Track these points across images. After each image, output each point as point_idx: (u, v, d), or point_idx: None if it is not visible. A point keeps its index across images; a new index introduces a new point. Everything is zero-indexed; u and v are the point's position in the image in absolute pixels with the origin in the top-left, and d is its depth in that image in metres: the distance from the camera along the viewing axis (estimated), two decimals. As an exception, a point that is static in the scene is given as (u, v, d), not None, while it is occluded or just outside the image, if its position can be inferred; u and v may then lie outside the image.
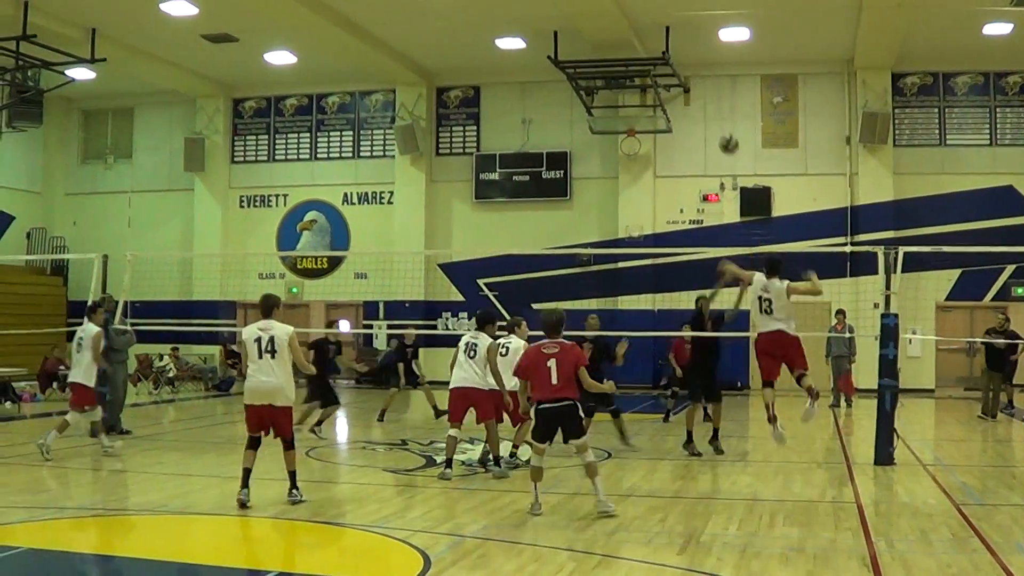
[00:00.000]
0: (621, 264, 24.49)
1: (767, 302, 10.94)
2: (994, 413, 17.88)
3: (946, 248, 18.29)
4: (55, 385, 21.22)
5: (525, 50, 23.60)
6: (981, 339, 18.49)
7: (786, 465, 12.37)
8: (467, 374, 11.06)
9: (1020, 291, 23.80)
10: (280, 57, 24.81)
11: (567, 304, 23.25)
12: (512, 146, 26.11)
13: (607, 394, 12.56)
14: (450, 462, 11.02)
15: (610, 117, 24.69)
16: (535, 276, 25.18)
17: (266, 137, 27.99)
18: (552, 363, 8.95)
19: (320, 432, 14.51)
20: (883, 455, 12.12)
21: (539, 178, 25.86)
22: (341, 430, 16.42)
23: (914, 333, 20.18)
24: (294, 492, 9.38)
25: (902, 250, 12.70)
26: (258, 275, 26.32)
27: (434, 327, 25.18)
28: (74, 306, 25.70)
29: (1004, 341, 17.66)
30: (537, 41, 22.64)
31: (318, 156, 27.65)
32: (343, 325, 27.40)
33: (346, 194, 27.35)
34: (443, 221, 26.57)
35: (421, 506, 9.68)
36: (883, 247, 12.89)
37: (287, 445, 9.41)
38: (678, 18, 21.38)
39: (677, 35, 21.88)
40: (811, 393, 10.75)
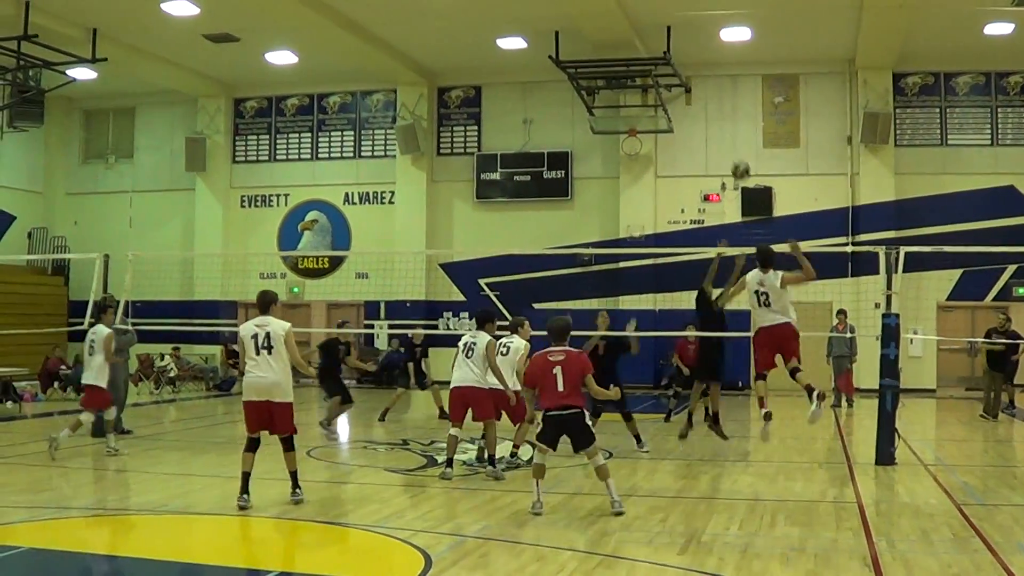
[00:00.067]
0: (622, 264, 24.49)
1: (764, 296, 11.09)
2: (995, 413, 17.88)
3: (947, 248, 18.27)
4: (56, 385, 21.26)
5: (526, 50, 23.60)
6: (982, 340, 18.49)
7: (787, 465, 12.37)
8: (465, 373, 11.06)
9: (1021, 291, 23.76)
10: (281, 57, 24.81)
11: (568, 304, 23.30)
12: (513, 146, 26.11)
13: (624, 411, 12.78)
14: (451, 462, 11.02)
15: (611, 117, 24.69)
16: (536, 276, 25.18)
17: (267, 137, 28.00)
18: (558, 371, 9.01)
19: (333, 431, 14.72)
20: (884, 455, 12.11)
21: (540, 178, 25.87)
22: (342, 430, 16.41)
23: (915, 333, 20.15)
24: (297, 492, 9.35)
25: (903, 250, 12.70)
26: (259, 275, 26.32)
27: (435, 327, 25.17)
28: (75, 306, 25.68)
29: (1005, 341, 17.66)
30: (538, 41, 22.63)
31: (319, 156, 27.66)
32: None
33: (347, 194, 27.35)
34: (444, 221, 26.58)
35: (422, 506, 9.68)
36: (884, 247, 12.90)
37: (287, 446, 9.35)
38: (679, 18, 21.38)
39: (678, 35, 21.88)
40: (809, 392, 10.80)
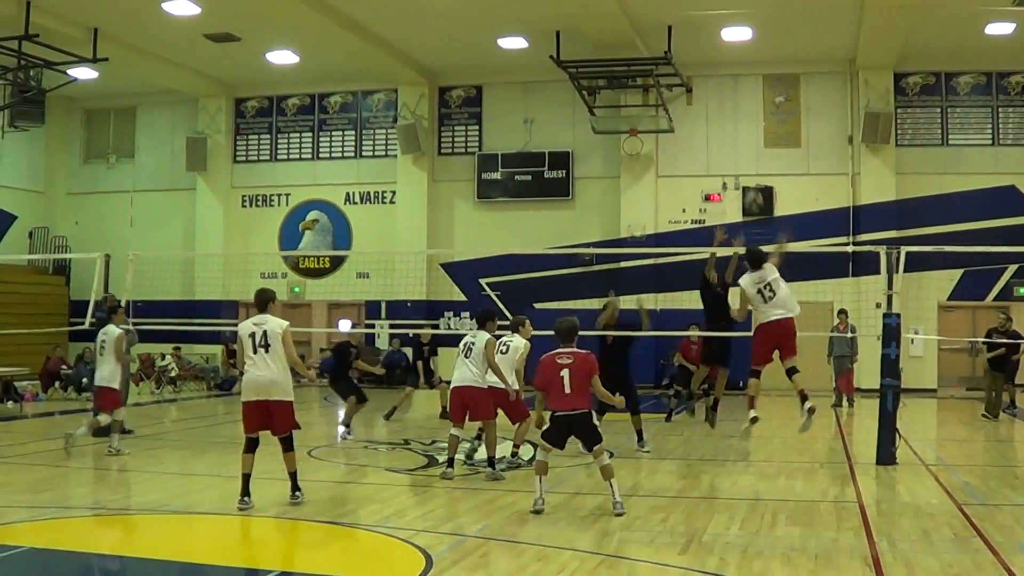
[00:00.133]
0: (623, 264, 24.49)
1: (767, 287, 11.19)
2: (996, 413, 17.88)
3: (948, 248, 18.28)
4: (57, 385, 21.27)
5: (527, 50, 23.60)
6: (982, 339, 18.50)
7: (788, 465, 12.37)
8: (463, 373, 11.06)
9: (1022, 291, 23.77)
10: (282, 57, 24.81)
11: (569, 304, 23.28)
12: (514, 146, 26.11)
13: (633, 401, 12.87)
14: (452, 462, 11.03)
15: (612, 117, 24.68)
16: (537, 276, 25.18)
17: (268, 137, 28.00)
18: (566, 373, 9.05)
19: (350, 431, 14.79)
20: (885, 455, 12.11)
21: (541, 178, 25.86)
22: (341, 430, 16.41)
23: (916, 333, 20.16)
24: (297, 494, 9.31)
25: (904, 250, 12.70)
26: (260, 275, 26.32)
27: (436, 327, 25.16)
28: (76, 306, 25.68)
29: (1005, 341, 17.66)
30: (539, 41, 22.63)
31: (320, 156, 27.66)
32: (344, 324, 27.50)
33: (348, 194, 27.35)
34: (445, 221, 26.58)
35: (423, 505, 9.68)
36: (885, 247, 12.89)
37: (286, 445, 9.31)
38: (680, 18, 21.37)
39: (679, 35, 21.87)
40: (803, 399, 11.08)
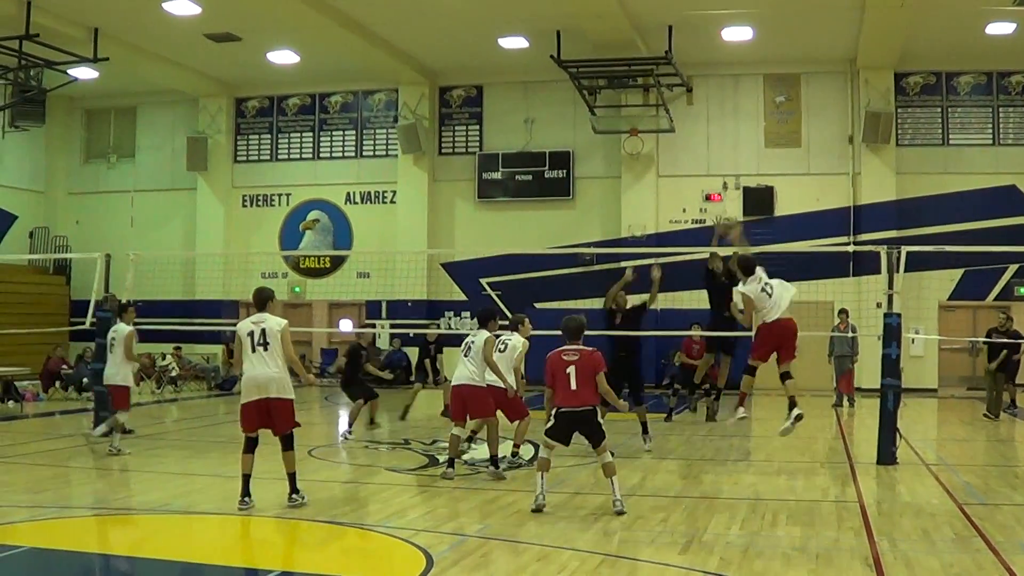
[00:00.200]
0: (624, 263, 24.40)
1: (768, 285, 11.30)
2: (997, 413, 17.88)
3: (949, 248, 18.30)
4: (58, 384, 21.27)
5: (528, 49, 23.59)
6: (983, 339, 18.50)
7: (788, 465, 12.36)
8: (462, 372, 11.08)
9: (1023, 291, 23.77)
10: (283, 56, 24.81)
11: (569, 304, 23.27)
12: (515, 145, 26.10)
13: (638, 389, 13.36)
14: (452, 462, 11.03)
15: (613, 116, 24.67)
16: (538, 275, 25.18)
17: (269, 136, 28.00)
18: (571, 369, 9.09)
19: (375, 426, 15.06)
20: (886, 455, 12.11)
21: (542, 178, 25.86)
22: (343, 429, 16.41)
23: (917, 333, 20.15)
24: (294, 497, 9.19)
25: (905, 250, 12.70)
26: (261, 274, 26.30)
27: (437, 327, 25.14)
28: (77, 306, 25.69)
29: (1006, 341, 17.66)
30: (540, 41, 22.63)
31: (321, 155, 27.66)
32: (345, 324, 27.50)
33: (349, 193, 27.35)
34: (446, 220, 26.57)
35: (424, 505, 9.69)
36: (886, 247, 12.89)
37: (286, 444, 9.23)
38: (681, 18, 21.36)
39: (680, 35, 21.87)
40: (791, 405, 11.22)
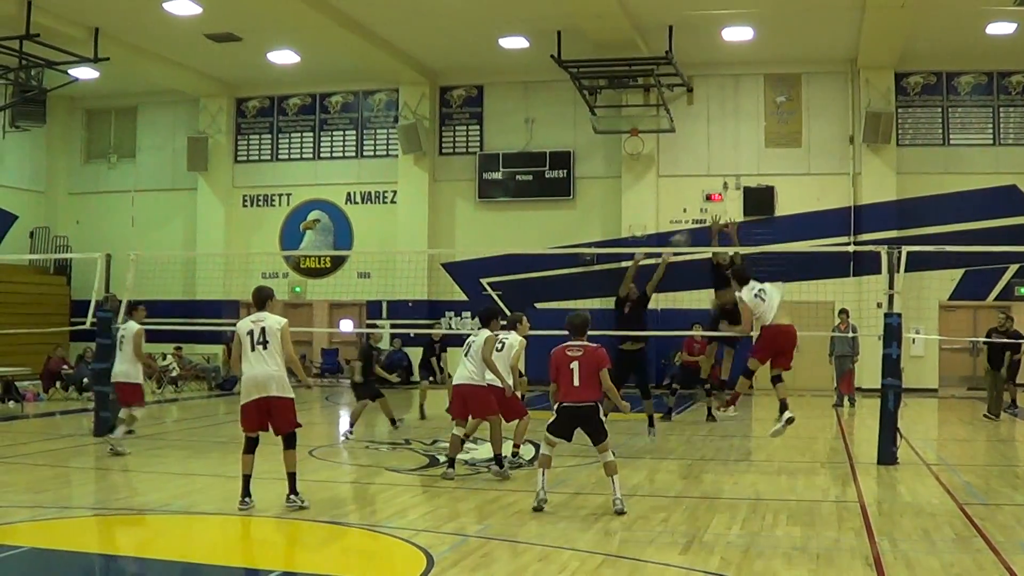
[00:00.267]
0: (624, 264, 24.43)
1: (762, 291, 11.50)
2: (997, 413, 17.88)
3: (949, 248, 18.24)
4: (58, 384, 21.27)
5: (528, 49, 23.60)
6: (984, 339, 18.49)
7: (789, 465, 12.36)
8: (462, 371, 11.11)
9: (1023, 291, 23.77)
10: (283, 56, 24.81)
11: (570, 304, 23.26)
12: (515, 145, 26.11)
13: (645, 381, 14.09)
14: (453, 462, 11.03)
15: (613, 117, 24.68)
16: (538, 275, 25.19)
17: (269, 136, 28.00)
18: (575, 365, 9.13)
19: (400, 423, 15.05)
20: (886, 455, 12.11)
21: (542, 178, 25.86)
22: (344, 429, 16.41)
23: (917, 333, 20.16)
24: (292, 498, 9.06)
25: (905, 250, 12.70)
26: (261, 274, 26.25)
27: (441, 326, 25.13)
28: (77, 306, 25.71)
29: (1006, 341, 17.65)
30: (540, 41, 22.63)
31: (321, 155, 27.66)
32: (345, 324, 27.51)
33: (349, 193, 27.35)
34: (446, 221, 26.58)
35: (424, 505, 9.69)
36: (886, 247, 12.90)
37: (288, 444, 9.16)
38: (681, 18, 21.36)
39: (680, 35, 21.87)
40: (782, 408, 11.33)
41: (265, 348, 9.13)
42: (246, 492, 9.09)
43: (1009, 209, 23.50)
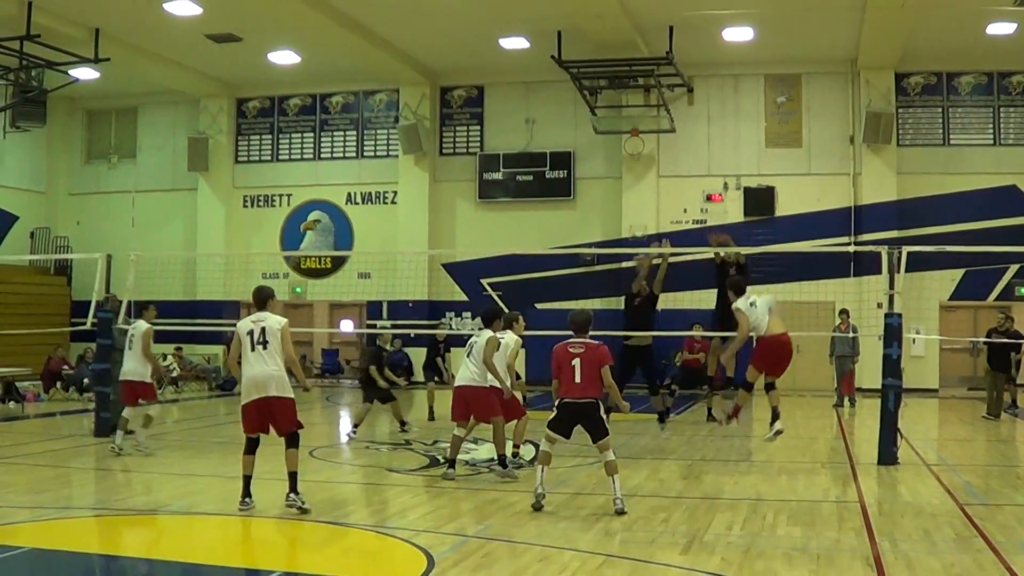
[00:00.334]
0: (625, 264, 24.45)
1: (756, 303, 11.56)
2: (998, 413, 17.88)
3: (950, 248, 18.28)
4: (59, 385, 21.27)
5: (529, 50, 23.60)
6: (984, 339, 18.50)
7: (789, 465, 12.36)
8: (464, 373, 11.08)
9: (1023, 291, 23.78)
10: (284, 57, 24.81)
11: (570, 304, 23.25)
12: (516, 146, 26.10)
13: (652, 377, 14.54)
14: (453, 462, 11.02)
15: (614, 117, 24.68)
16: (539, 276, 25.19)
17: (270, 137, 28.00)
18: (577, 362, 9.15)
19: (408, 427, 14.93)
20: (887, 455, 12.11)
21: (543, 178, 25.86)
22: (344, 429, 16.42)
23: (918, 333, 20.15)
24: (292, 496, 8.93)
25: (906, 250, 12.70)
26: (262, 275, 26.25)
27: (445, 326, 25.14)
28: (77, 306, 25.72)
29: (1006, 341, 17.66)
30: (541, 41, 22.62)
31: (322, 156, 27.66)
32: (345, 325, 27.51)
33: (350, 194, 27.35)
34: (447, 221, 26.57)
35: (425, 506, 9.69)
36: (887, 247, 12.89)
37: (290, 442, 9.09)
38: (682, 18, 21.35)
39: (681, 35, 21.87)
40: (774, 416, 11.40)
41: (265, 348, 9.09)
42: (246, 492, 9.07)
43: (1009, 209, 23.49)
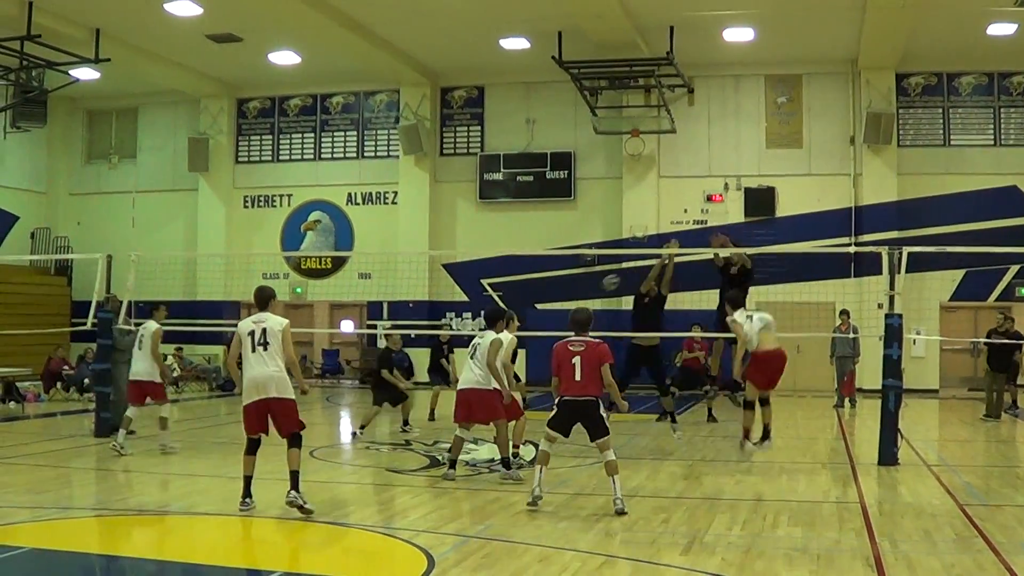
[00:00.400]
0: (625, 264, 24.44)
1: (751, 317, 11.78)
2: (998, 413, 17.88)
3: (950, 248, 18.29)
4: (59, 385, 21.27)
5: (529, 50, 23.60)
6: (984, 340, 18.49)
7: (790, 465, 12.36)
8: (467, 375, 11.07)
9: (1024, 291, 23.81)
10: (284, 57, 24.82)
11: (571, 305, 23.20)
12: (516, 146, 26.11)
13: (660, 378, 14.34)
14: (454, 463, 11.01)
15: (614, 117, 24.69)
16: (539, 276, 25.19)
17: (270, 137, 28.00)
18: (577, 360, 9.15)
19: (409, 428, 15.00)
20: (887, 455, 12.11)
21: (543, 178, 25.86)
22: (345, 430, 16.43)
23: (918, 333, 20.15)
24: (293, 494, 8.83)
25: (906, 250, 12.70)
26: (262, 275, 26.27)
27: (437, 327, 25.16)
28: (78, 306, 25.70)
29: (1006, 341, 17.65)
30: (541, 41, 22.63)
31: (322, 156, 27.67)
32: (345, 325, 27.52)
33: (350, 194, 27.36)
34: (447, 221, 26.58)
35: (425, 506, 9.69)
36: (887, 247, 12.89)
37: (292, 442, 9.04)
38: (682, 18, 21.36)
39: (681, 35, 21.87)
40: (766, 433, 11.77)
41: (266, 349, 9.06)
42: (247, 493, 9.06)
43: (1010, 210, 23.50)
